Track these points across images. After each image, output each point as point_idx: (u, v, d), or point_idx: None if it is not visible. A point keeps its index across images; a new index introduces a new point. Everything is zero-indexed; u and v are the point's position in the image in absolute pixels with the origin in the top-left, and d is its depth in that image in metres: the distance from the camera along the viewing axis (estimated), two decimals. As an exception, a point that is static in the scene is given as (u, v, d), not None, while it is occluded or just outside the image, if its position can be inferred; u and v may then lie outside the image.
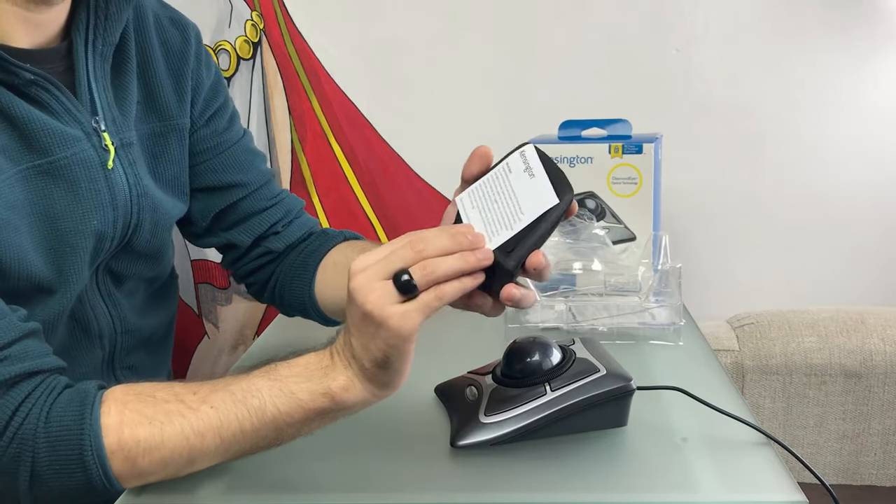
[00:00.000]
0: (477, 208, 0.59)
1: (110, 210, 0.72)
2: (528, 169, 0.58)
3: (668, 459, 0.62)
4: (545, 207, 0.56)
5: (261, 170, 0.90)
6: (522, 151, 0.59)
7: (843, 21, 1.30)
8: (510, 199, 0.58)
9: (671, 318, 0.87)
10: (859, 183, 1.36)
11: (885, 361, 1.24)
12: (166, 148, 0.80)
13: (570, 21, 1.33)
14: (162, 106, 0.80)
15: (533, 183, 0.58)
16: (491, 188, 0.59)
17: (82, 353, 0.74)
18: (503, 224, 0.57)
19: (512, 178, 0.59)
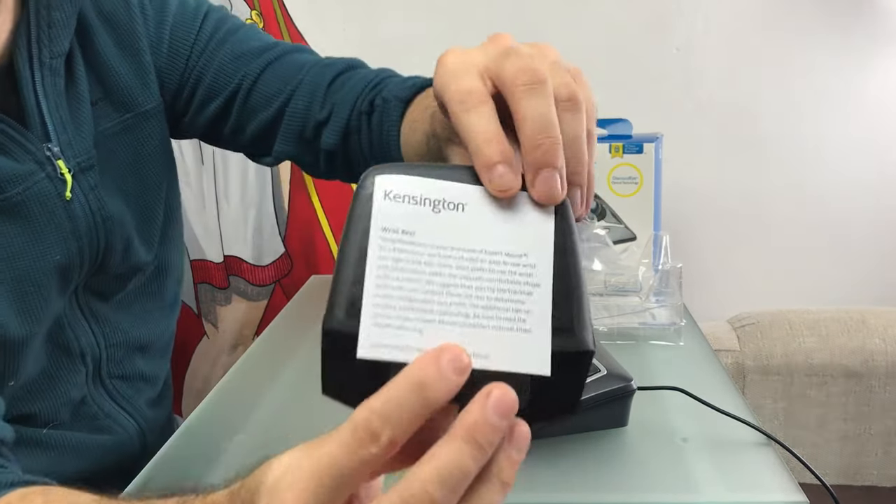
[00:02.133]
0: (448, 321, 0.34)
1: (73, 241, 0.66)
2: (421, 203, 0.36)
3: (669, 460, 0.62)
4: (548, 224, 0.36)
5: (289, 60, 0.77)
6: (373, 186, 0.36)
7: (843, 21, 1.30)
8: (486, 260, 0.35)
9: (672, 319, 0.87)
10: (860, 183, 1.35)
11: (886, 362, 1.23)
12: (144, 141, 0.73)
13: (571, 20, 1.32)
14: (124, 96, 0.71)
15: (471, 215, 0.36)
16: (424, 276, 0.34)
17: (64, 373, 0.69)
18: (509, 296, 0.35)
19: (451, 238, 0.35)
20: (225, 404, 0.75)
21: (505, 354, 0.34)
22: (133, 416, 0.74)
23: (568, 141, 0.38)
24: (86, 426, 0.70)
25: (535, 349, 0.34)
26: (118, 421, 0.72)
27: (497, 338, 0.34)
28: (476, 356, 0.33)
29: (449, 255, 0.35)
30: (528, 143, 0.37)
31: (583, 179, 0.39)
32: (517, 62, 0.38)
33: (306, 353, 0.85)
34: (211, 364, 1.45)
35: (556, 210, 0.37)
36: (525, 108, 0.37)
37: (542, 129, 0.37)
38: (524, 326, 0.34)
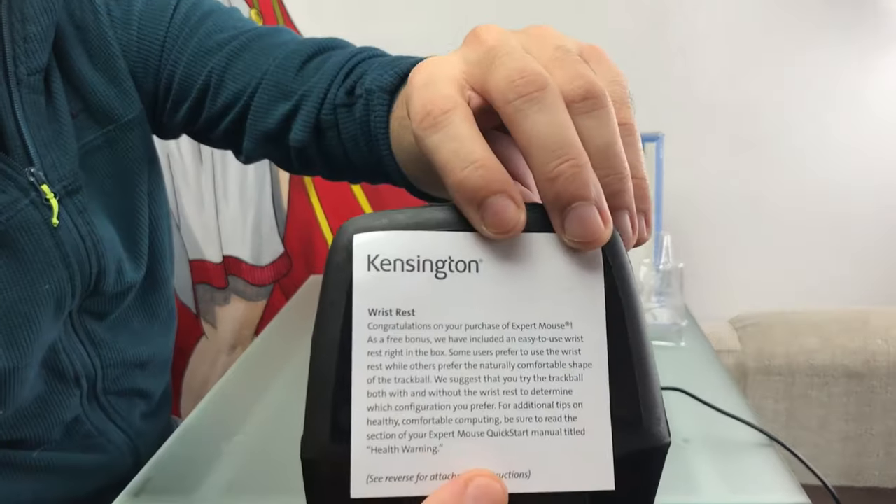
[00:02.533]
0: (465, 431, 0.26)
1: (63, 269, 0.62)
2: (423, 266, 0.27)
3: (670, 460, 0.61)
4: (596, 286, 0.27)
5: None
6: (351, 250, 0.27)
7: (844, 21, 1.29)
8: (504, 341, 0.27)
9: (673, 319, 0.87)
10: (862, 183, 1.35)
11: (888, 362, 1.23)
12: (127, 153, 0.69)
13: (571, 20, 1.32)
14: (104, 108, 0.67)
15: (489, 276, 0.27)
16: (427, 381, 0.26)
17: (57, 397, 0.66)
18: (548, 385, 0.27)
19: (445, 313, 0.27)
20: (224, 405, 0.75)
21: (553, 469, 0.26)
22: (125, 430, 0.72)
23: (598, 154, 0.28)
24: (77, 445, 0.68)
25: (592, 456, 0.26)
26: (109, 436, 0.71)
27: (540, 446, 0.26)
28: (514, 476, 0.26)
29: (464, 336, 0.26)
30: (541, 176, 0.27)
31: (629, 198, 0.29)
32: (505, 66, 0.29)
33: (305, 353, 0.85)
34: (210, 364, 1.44)
35: (602, 252, 0.27)
36: (527, 129, 0.28)
37: (556, 152, 0.27)
38: (575, 426, 0.26)
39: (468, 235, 0.27)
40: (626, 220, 0.29)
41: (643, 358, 0.27)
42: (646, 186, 0.30)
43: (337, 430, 0.25)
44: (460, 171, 0.27)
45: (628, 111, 0.31)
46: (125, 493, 0.60)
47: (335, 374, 0.26)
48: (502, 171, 0.27)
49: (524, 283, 0.27)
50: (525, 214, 0.27)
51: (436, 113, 0.28)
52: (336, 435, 0.25)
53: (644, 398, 0.27)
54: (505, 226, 0.27)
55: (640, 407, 0.27)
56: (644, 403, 0.27)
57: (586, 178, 0.27)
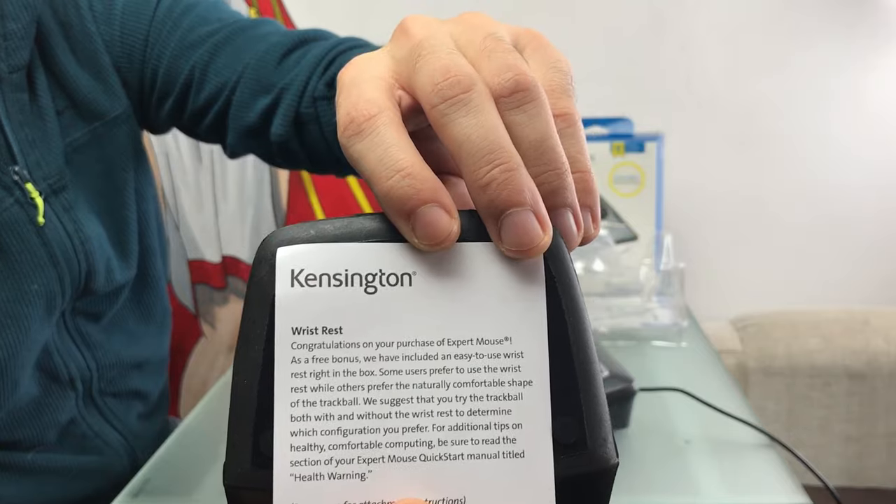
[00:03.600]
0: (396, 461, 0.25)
1: (50, 269, 0.61)
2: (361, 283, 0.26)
3: (671, 461, 0.61)
4: (537, 297, 0.26)
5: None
6: (273, 265, 0.25)
7: (845, 19, 1.29)
8: (436, 357, 0.25)
9: (674, 319, 0.86)
10: (863, 182, 1.35)
11: (889, 362, 1.23)
12: (115, 150, 0.68)
13: (572, 19, 1.32)
14: (90, 105, 0.66)
15: (423, 290, 0.26)
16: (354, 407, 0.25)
17: (52, 399, 0.66)
18: (486, 404, 0.25)
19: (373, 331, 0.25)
20: (223, 405, 0.75)
21: (489, 495, 0.24)
22: (121, 431, 0.72)
23: (531, 151, 0.26)
24: (73, 446, 0.67)
25: (532, 481, 0.24)
26: (105, 438, 0.70)
27: (476, 471, 0.24)
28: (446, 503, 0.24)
29: (396, 354, 0.25)
30: (472, 183, 0.26)
31: (570, 195, 0.27)
32: (429, 65, 0.27)
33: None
34: (208, 365, 1.44)
35: (545, 260, 0.26)
36: (454, 135, 0.26)
37: (486, 157, 0.25)
38: (514, 449, 0.24)
39: (400, 247, 0.26)
40: (569, 219, 0.27)
41: (588, 374, 0.25)
42: (590, 179, 0.28)
43: (259, 457, 0.24)
44: (386, 180, 0.26)
45: (568, 100, 0.29)
46: (124, 493, 0.59)
47: (257, 397, 0.24)
48: (432, 178, 0.26)
49: (460, 296, 0.25)
50: (458, 224, 0.26)
51: (360, 120, 0.27)
52: (258, 461, 0.24)
53: (589, 417, 0.25)
54: (437, 237, 0.25)
55: (585, 427, 0.25)
56: (589, 423, 0.25)
57: (520, 182, 0.25)
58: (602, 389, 0.26)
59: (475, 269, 0.26)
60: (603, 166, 0.98)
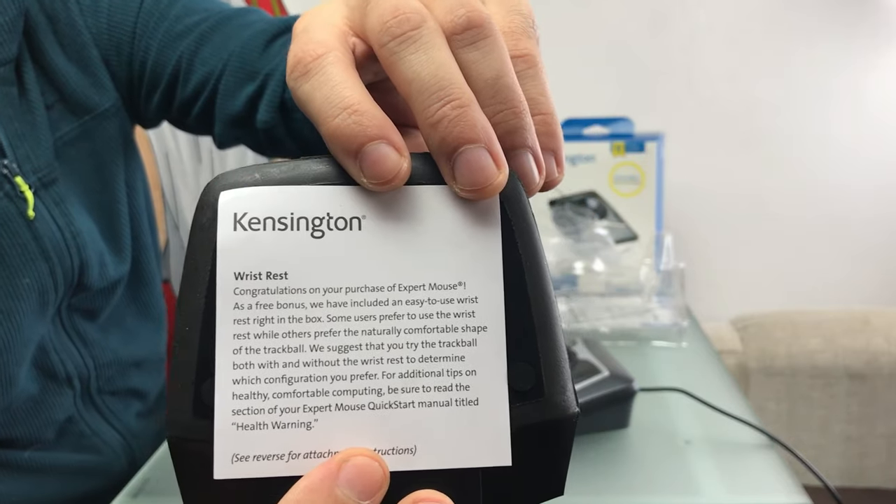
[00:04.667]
0: (347, 409, 0.24)
1: (42, 263, 0.61)
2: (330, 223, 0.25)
3: (671, 461, 0.61)
4: (492, 240, 0.25)
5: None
6: (216, 209, 0.25)
7: (846, 19, 1.29)
8: (387, 302, 0.24)
9: (674, 319, 0.86)
10: (864, 182, 1.35)
11: (890, 363, 1.23)
12: (105, 144, 0.68)
13: (572, 18, 1.32)
14: (79, 99, 0.65)
15: (373, 233, 0.25)
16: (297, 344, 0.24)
17: (50, 397, 0.65)
18: (437, 352, 0.24)
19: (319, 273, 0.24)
20: (222, 405, 0.75)
21: (441, 444, 0.23)
22: (119, 430, 0.72)
23: (485, 89, 0.25)
24: (71, 445, 0.67)
25: (486, 429, 0.23)
26: (103, 436, 0.70)
27: (427, 420, 0.23)
28: (397, 453, 0.23)
29: (344, 300, 0.24)
30: (423, 122, 0.25)
31: (528, 136, 0.26)
32: (379, 6, 0.26)
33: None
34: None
35: (501, 204, 0.25)
36: (404, 73, 0.25)
37: (436, 94, 0.24)
38: (467, 396, 0.24)
39: (349, 189, 0.24)
40: (529, 161, 0.26)
41: (546, 320, 0.24)
42: (552, 122, 0.27)
43: (200, 406, 0.23)
44: (332, 119, 0.24)
45: (529, 42, 0.28)
46: (124, 493, 0.59)
47: (198, 344, 0.23)
48: (380, 116, 0.25)
49: (412, 240, 0.24)
50: (408, 163, 0.25)
51: (307, 60, 0.26)
52: (200, 411, 0.23)
53: (547, 364, 0.24)
54: (385, 175, 0.24)
55: (542, 374, 0.24)
56: (546, 370, 0.24)
57: (472, 118, 0.24)
58: (561, 337, 0.25)
59: (428, 212, 0.25)
60: (603, 166, 0.98)
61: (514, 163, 0.26)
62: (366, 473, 0.22)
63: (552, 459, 0.24)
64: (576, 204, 0.98)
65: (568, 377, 0.24)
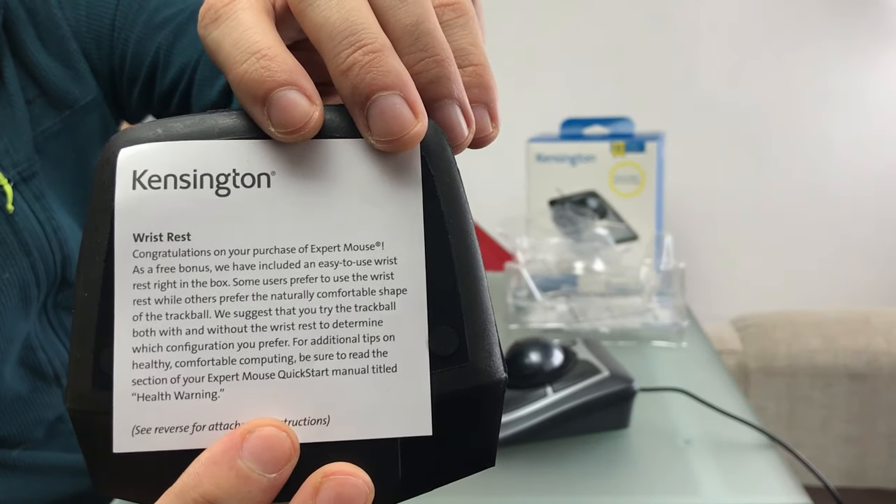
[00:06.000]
0: (263, 374, 0.23)
1: (22, 257, 0.60)
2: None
3: (671, 461, 0.61)
4: (412, 197, 0.23)
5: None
6: (114, 166, 0.23)
7: (847, 19, 1.29)
8: (298, 264, 0.23)
9: (674, 319, 0.86)
10: (864, 182, 1.35)
11: (890, 363, 1.23)
12: (87, 138, 0.68)
13: (573, 19, 1.32)
14: (60, 93, 0.65)
15: (283, 190, 0.23)
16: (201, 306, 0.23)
17: (38, 395, 0.65)
18: (353, 315, 0.23)
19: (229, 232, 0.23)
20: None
21: (357, 414, 0.22)
22: None
23: (404, 36, 0.24)
24: (60, 444, 0.66)
25: (405, 397, 0.22)
26: None
27: (342, 388, 0.22)
28: (309, 424, 0.22)
29: (252, 263, 0.22)
30: (334, 70, 0.23)
31: (453, 86, 0.24)
32: None
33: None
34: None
35: (422, 159, 0.23)
36: (314, 20, 0.24)
37: (347, 39, 0.23)
38: (385, 363, 0.22)
39: (258, 144, 0.23)
40: (455, 112, 0.24)
41: (471, 282, 0.23)
42: (484, 73, 0.25)
43: (100, 376, 0.22)
44: (240, 64, 0.23)
45: None
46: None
47: (98, 310, 0.22)
48: (291, 61, 0.23)
49: (326, 198, 0.23)
50: (321, 111, 0.23)
51: (217, 6, 0.24)
52: (99, 381, 0.22)
53: (471, 328, 0.23)
54: (294, 123, 0.22)
55: (466, 338, 0.23)
56: (471, 334, 0.23)
57: (385, 63, 0.23)
58: (487, 300, 0.23)
59: (343, 167, 0.23)
60: (603, 166, 0.98)
61: (438, 115, 0.24)
62: (272, 445, 0.21)
63: (479, 429, 0.23)
64: (576, 204, 0.98)
65: (494, 342, 0.23)
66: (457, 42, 0.25)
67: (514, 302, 0.90)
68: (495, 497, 0.58)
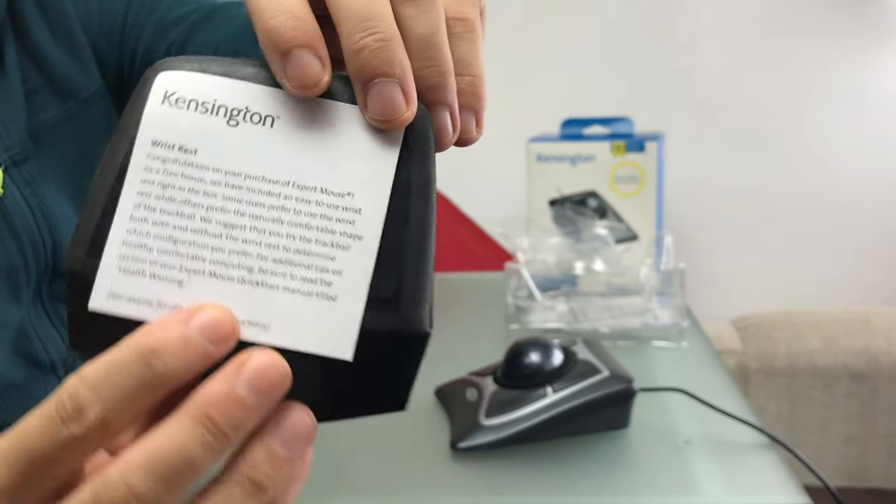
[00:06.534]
0: (210, 273, 0.26)
1: (12, 241, 0.61)
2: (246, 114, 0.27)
3: (671, 461, 0.61)
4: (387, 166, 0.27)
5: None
6: (152, 85, 0.28)
7: (846, 19, 1.29)
8: (284, 194, 0.27)
9: (674, 319, 0.86)
10: (864, 182, 1.35)
11: (890, 363, 1.23)
12: (90, 128, 0.69)
13: (573, 19, 1.32)
14: (65, 83, 0.66)
15: (283, 133, 0.27)
16: (190, 209, 0.26)
17: (34, 383, 0.65)
18: (313, 248, 0.26)
19: (226, 155, 0.27)
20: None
21: (293, 327, 0.25)
22: None
23: (417, 44, 0.27)
24: None
25: (337, 324, 0.26)
26: None
27: (287, 302, 0.26)
28: (251, 325, 0.25)
29: (241, 184, 0.26)
30: (347, 48, 0.27)
31: (448, 94, 0.28)
32: None
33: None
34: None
35: (405, 137, 0.27)
36: (340, 2, 0.27)
37: (363, 24, 0.26)
38: (328, 292, 0.26)
39: (271, 91, 0.27)
40: (445, 117, 0.28)
41: (420, 243, 0.27)
42: (479, 84, 0.29)
43: (95, 246, 0.26)
44: (270, 17, 0.26)
45: (471, 8, 0.29)
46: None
47: (108, 193, 0.27)
48: (315, 29, 0.27)
49: (316, 146, 0.27)
50: (329, 76, 0.27)
51: None
52: (94, 250, 0.26)
53: (408, 283, 0.26)
54: (306, 80, 0.26)
55: (402, 290, 0.26)
56: (407, 288, 0.26)
57: (392, 53, 0.26)
58: (431, 264, 0.27)
59: (337, 126, 0.27)
60: (603, 166, 0.98)
61: (434, 112, 0.28)
62: (216, 323, 0.24)
63: (396, 372, 0.27)
64: (576, 204, 0.98)
65: (426, 298, 0.27)
66: (461, 53, 0.28)
67: (514, 302, 0.90)
68: (495, 497, 0.58)
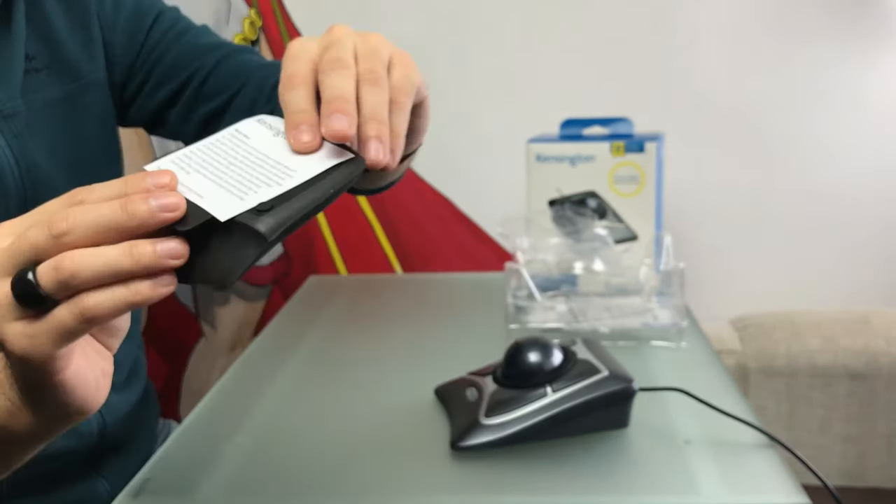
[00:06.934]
0: (203, 173, 0.42)
1: None
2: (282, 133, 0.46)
3: (671, 461, 0.61)
4: (334, 162, 0.43)
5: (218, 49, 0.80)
6: (260, 119, 0.47)
7: (846, 19, 1.29)
8: (265, 162, 0.43)
9: (674, 319, 0.86)
10: (864, 182, 1.35)
11: (890, 363, 1.23)
12: (86, 109, 0.73)
13: (572, 18, 1.32)
14: (70, 66, 0.71)
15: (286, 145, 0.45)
16: (221, 152, 0.44)
17: None
18: (258, 183, 0.41)
19: (257, 143, 0.45)
20: (223, 405, 0.75)
21: (212, 200, 0.39)
22: None
23: (367, 107, 0.45)
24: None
25: (230, 206, 0.39)
26: None
27: (220, 193, 0.40)
28: (193, 193, 0.40)
29: (251, 152, 0.44)
30: (324, 108, 0.44)
31: (382, 134, 0.45)
32: (332, 52, 0.47)
33: (305, 353, 0.85)
34: (209, 365, 1.44)
35: (347, 160, 0.44)
36: (325, 84, 0.45)
37: (337, 96, 0.44)
38: (242, 196, 0.40)
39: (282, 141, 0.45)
40: (375, 144, 0.44)
41: (309, 197, 0.41)
42: (399, 139, 0.47)
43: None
44: (294, 112, 0.45)
45: (406, 97, 0.48)
46: (124, 493, 0.59)
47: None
48: (316, 119, 0.44)
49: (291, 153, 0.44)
50: (320, 142, 0.44)
51: (294, 82, 0.46)
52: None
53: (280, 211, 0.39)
54: (303, 148, 0.44)
55: (272, 210, 0.39)
56: (277, 212, 0.39)
57: (346, 106, 0.44)
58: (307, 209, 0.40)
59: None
60: (603, 166, 0.98)
61: (364, 147, 0.45)
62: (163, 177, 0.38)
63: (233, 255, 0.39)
64: (575, 204, 0.98)
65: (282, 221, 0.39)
66: (392, 119, 0.47)
67: (514, 302, 0.90)
68: (495, 496, 0.58)
